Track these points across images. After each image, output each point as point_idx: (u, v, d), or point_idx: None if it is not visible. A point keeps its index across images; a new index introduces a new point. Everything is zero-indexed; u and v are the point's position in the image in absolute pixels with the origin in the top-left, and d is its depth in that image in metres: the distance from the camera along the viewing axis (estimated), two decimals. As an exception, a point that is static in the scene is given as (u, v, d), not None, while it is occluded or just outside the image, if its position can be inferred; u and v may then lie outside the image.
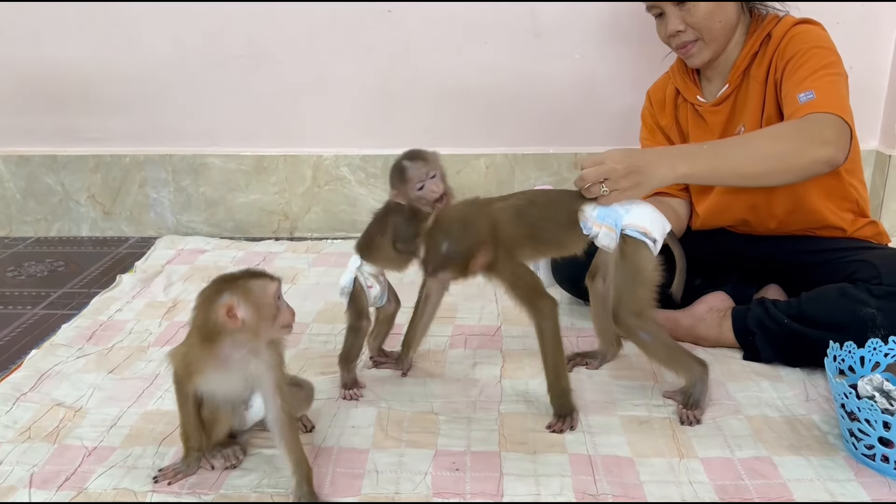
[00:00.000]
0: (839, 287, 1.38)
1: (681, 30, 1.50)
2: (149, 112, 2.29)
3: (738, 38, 1.54)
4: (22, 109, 2.30)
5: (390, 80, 2.22)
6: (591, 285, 1.43)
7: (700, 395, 1.29)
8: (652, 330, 1.29)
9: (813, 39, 1.44)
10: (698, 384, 1.29)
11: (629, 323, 1.28)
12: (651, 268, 1.28)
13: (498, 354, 1.54)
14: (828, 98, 1.35)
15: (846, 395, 1.14)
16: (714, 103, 1.57)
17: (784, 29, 1.48)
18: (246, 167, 2.31)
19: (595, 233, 1.27)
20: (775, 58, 1.47)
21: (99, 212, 2.37)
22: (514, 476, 1.14)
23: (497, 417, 1.30)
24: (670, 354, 1.30)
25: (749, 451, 1.19)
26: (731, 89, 1.54)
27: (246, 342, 1.06)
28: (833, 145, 1.31)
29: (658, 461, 1.17)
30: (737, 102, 1.55)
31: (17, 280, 2.04)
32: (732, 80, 1.53)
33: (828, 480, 1.12)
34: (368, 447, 1.22)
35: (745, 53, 1.51)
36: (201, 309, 1.06)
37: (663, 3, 1.50)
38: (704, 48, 1.52)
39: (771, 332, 1.43)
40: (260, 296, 1.05)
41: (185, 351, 1.09)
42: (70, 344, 1.59)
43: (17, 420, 1.30)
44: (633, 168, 1.25)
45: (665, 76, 1.70)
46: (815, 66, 1.40)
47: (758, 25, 1.52)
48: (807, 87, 1.37)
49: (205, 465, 1.17)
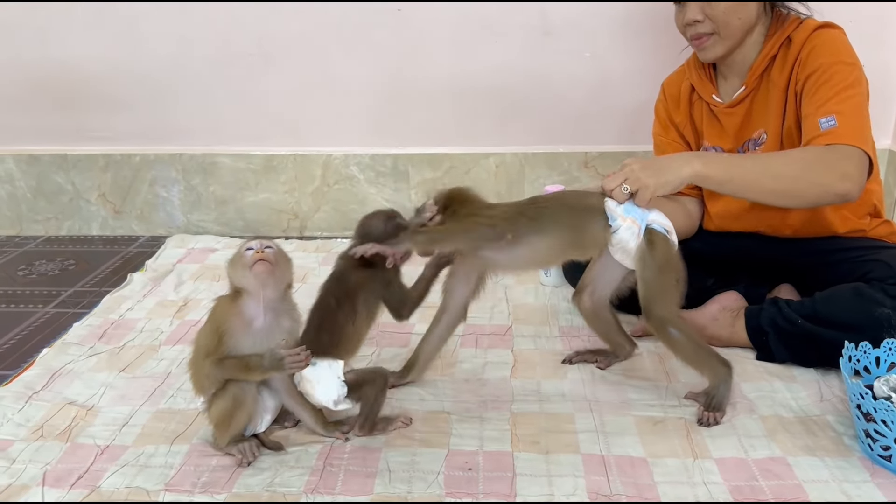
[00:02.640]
0: (854, 287, 1.37)
1: (699, 20, 1.48)
2: (158, 111, 2.29)
3: (756, 38, 1.51)
4: (32, 109, 2.30)
5: (400, 78, 2.22)
6: (579, 303, 1.44)
7: (723, 397, 1.28)
8: (681, 326, 1.28)
9: (834, 52, 1.41)
10: (722, 386, 1.29)
11: (661, 316, 1.27)
12: (677, 261, 1.29)
13: (509, 354, 1.53)
14: (850, 127, 1.33)
15: (862, 395, 1.13)
16: (730, 104, 1.55)
17: (805, 34, 1.45)
18: (255, 166, 2.31)
19: (618, 225, 1.26)
20: (796, 67, 1.44)
21: (109, 211, 2.38)
22: (527, 476, 1.14)
23: (509, 417, 1.30)
24: (697, 353, 1.29)
25: (763, 452, 1.19)
26: (748, 91, 1.52)
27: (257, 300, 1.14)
28: (852, 181, 1.31)
29: (672, 461, 1.17)
30: (753, 105, 1.53)
31: (28, 279, 2.04)
32: (749, 83, 1.51)
33: (843, 482, 1.12)
34: (381, 446, 1.22)
35: (764, 55, 1.49)
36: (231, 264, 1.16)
37: None
38: (719, 42, 1.50)
39: (784, 332, 1.42)
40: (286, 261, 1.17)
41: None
42: (81, 342, 1.60)
43: (30, 418, 1.31)
44: (650, 164, 1.27)
45: (680, 70, 1.68)
46: (837, 86, 1.37)
47: (777, 27, 1.49)
48: (829, 111, 1.35)
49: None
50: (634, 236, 1.26)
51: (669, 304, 1.28)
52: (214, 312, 1.17)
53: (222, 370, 1.14)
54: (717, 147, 1.58)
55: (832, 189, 1.32)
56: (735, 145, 1.56)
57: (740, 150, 1.55)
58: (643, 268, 1.28)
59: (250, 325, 1.15)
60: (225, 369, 1.14)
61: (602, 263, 1.35)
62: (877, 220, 1.54)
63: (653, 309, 1.28)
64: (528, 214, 1.27)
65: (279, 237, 2.33)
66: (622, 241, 1.27)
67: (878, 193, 1.55)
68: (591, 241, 1.30)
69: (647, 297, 1.28)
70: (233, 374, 1.14)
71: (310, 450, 1.21)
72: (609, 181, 1.27)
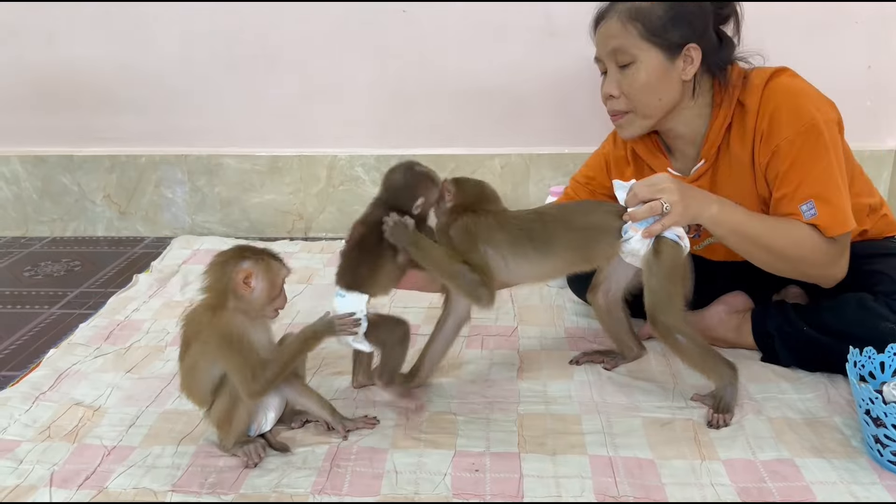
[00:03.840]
0: (859, 299, 1.36)
1: (614, 95, 1.38)
2: (164, 112, 2.30)
3: (697, 110, 1.41)
4: (38, 110, 2.31)
5: (405, 80, 2.22)
6: (594, 300, 1.44)
7: (731, 398, 1.29)
8: (686, 332, 1.28)
9: (794, 117, 1.32)
10: (729, 388, 1.29)
11: (667, 324, 1.28)
12: (684, 270, 1.29)
13: (515, 355, 1.53)
14: (831, 214, 1.31)
15: (872, 400, 1.13)
16: (691, 179, 1.45)
17: (756, 98, 1.35)
18: (261, 167, 2.32)
19: (630, 236, 1.27)
20: (757, 142, 1.36)
21: (115, 212, 2.38)
22: (534, 477, 1.14)
23: (516, 418, 1.30)
24: (703, 357, 1.29)
25: (771, 453, 1.18)
26: (708, 165, 1.43)
27: (243, 312, 1.15)
28: (840, 272, 1.38)
29: (680, 463, 1.16)
30: (717, 177, 1.44)
31: (34, 280, 2.05)
32: (708, 157, 1.42)
33: (851, 483, 1.11)
34: (388, 447, 1.22)
35: (718, 128, 1.39)
36: (218, 268, 1.15)
37: (605, 58, 1.38)
38: (636, 121, 1.40)
39: (790, 338, 1.42)
40: (274, 275, 1.17)
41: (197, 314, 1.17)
42: (88, 343, 1.60)
43: (37, 419, 1.31)
44: (685, 191, 1.25)
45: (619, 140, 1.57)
46: (805, 164, 1.31)
47: (723, 93, 1.39)
48: (805, 197, 1.31)
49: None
50: (644, 246, 1.27)
51: (675, 311, 1.28)
52: (228, 332, 1.13)
53: (279, 366, 1.15)
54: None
55: (822, 280, 1.39)
56: None
57: None
58: (649, 275, 1.28)
59: (257, 323, 1.17)
60: (281, 364, 1.15)
61: (613, 264, 1.36)
62: (872, 218, 1.51)
63: (658, 316, 1.28)
64: (534, 238, 1.28)
65: (284, 238, 2.33)
66: (633, 251, 1.28)
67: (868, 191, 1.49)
68: (600, 256, 1.32)
69: (652, 303, 1.29)
70: (291, 360, 1.17)
71: (317, 451, 1.21)
72: (643, 191, 1.24)
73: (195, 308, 1.18)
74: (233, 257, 1.15)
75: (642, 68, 1.35)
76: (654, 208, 1.23)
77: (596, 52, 1.42)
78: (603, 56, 1.40)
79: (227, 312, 1.14)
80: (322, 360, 1.51)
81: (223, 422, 1.18)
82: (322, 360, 1.51)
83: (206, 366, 1.16)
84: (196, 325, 1.16)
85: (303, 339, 1.18)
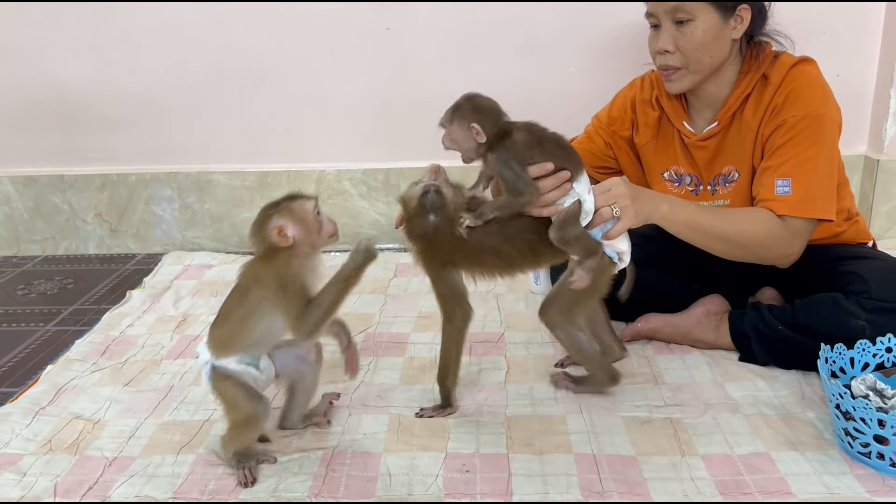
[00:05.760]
0: (832, 298, 1.42)
1: (669, 50, 1.45)
2: (154, 131, 2.33)
3: (728, 75, 1.50)
4: (29, 130, 2.35)
5: (390, 95, 2.27)
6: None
7: (588, 389, 1.42)
8: (569, 330, 1.36)
9: (808, 101, 1.42)
10: (596, 386, 1.41)
11: (552, 319, 1.36)
12: (605, 285, 1.36)
13: (503, 360, 1.58)
14: (801, 196, 1.40)
15: (841, 395, 1.18)
16: (701, 137, 1.54)
17: (781, 73, 1.45)
18: (250, 183, 2.36)
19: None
20: (769, 113, 1.45)
21: (106, 230, 2.41)
22: (523, 476, 1.18)
23: (504, 421, 1.34)
24: (584, 355, 1.40)
25: (748, 448, 1.24)
26: (720, 128, 1.52)
27: (298, 256, 1.19)
28: (796, 255, 1.45)
29: (661, 459, 1.22)
30: (725, 142, 1.53)
31: (27, 298, 2.07)
32: (722, 120, 1.51)
33: (824, 474, 1.17)
34: (381, 451, 1.26)
35: (738, 95, 1.48)
36: (255, 235, 1.21)
37: (662, 15, 1.45)
38: (686, 77, 1.48)
39: (766, 337, 1.48)
40: (303, 215, 1.20)
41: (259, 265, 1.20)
42: (84, 359, 1.63)
43: (38, 433, 1.34)
44: (637, 197, 1.30)
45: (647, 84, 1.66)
46: (799, 146, 1.41)
47: (752, 64, 1.48)
48: (786, 174, 1.41)
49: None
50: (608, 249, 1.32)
51: (567, 312, 1.35)
52: (284, 276, 1.18)
53: (328, 305, 1.19)
54: (692, 175, 1.60)
55: (778, 261, 1.47)
56: (706, 178, 1.58)
57: (711, 183, 1.57)
58: (569, 273, 1.34)
59: (314, 262, 1.23)
60: (329, 304, 1.19)
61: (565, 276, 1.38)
62: (848, 223, 1.59)
63: (549, 309, 1.36)
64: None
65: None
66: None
67: (850, 198, 1.60)
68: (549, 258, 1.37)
69: (556, 294, 1.36)
70: (340, 298, 1.20)
71: (312, 456, 1.25)
72: (600, 199, 1.27)
73: (252, 260, 1.22)
74: (261, 220, 1.20)
75: (700, 26, 1.42)
76: (604, 215, 1.27)
77: (649, 7, 1.48)
78: (659, 13, 1.45)
79: (282, 258, 1.18)
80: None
81: (238, 425, 1.21)
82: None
83: (262, 313, 1.18)
84: (255, 272, 1.20)
85: (346, 277, 1.20)
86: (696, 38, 1.43)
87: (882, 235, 2.24)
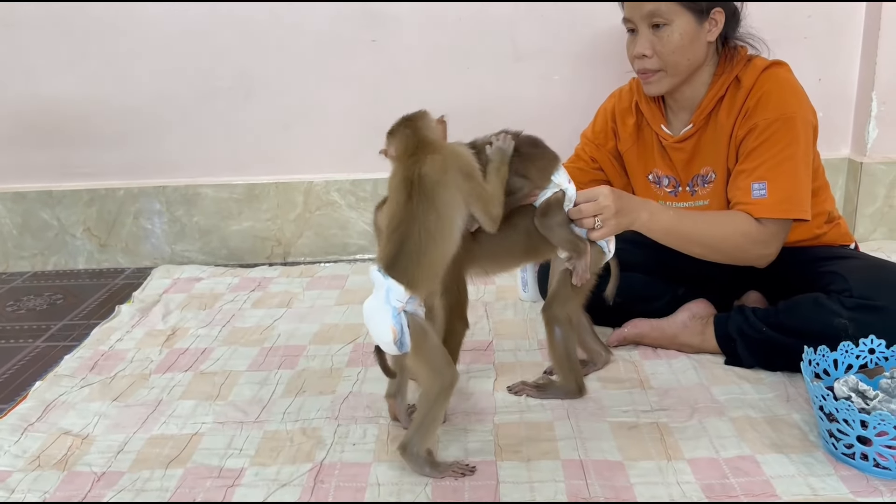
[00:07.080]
0: (813, 297, 1.44)
1: (647, 55, 1.48)
2: (142, 145, 2.34)
3: (704, 77, 1.53)
4: (17, 146, 2.35)
5: (376, 106, 2.28)
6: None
7: (553, 397, 1.43)
8: (567, 330, 1.39)
9: (780, 103, 1.45)
10: (562, 393, 1.43)
11: (556, 314, 1.38)
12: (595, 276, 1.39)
13: (491, 368, 1.59)
14: (778, 198, 1.43)
15: (824, 397, 1.19)
16: (678, 139, 1.57)
17: (753, 76, 1.48)
18: (238, 195, 2.36)
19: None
20: (742, 116, 1.48)
21: (95, 244, 2.42)
22: (511, 483, 1.19)
23: (492, 428, 1.35)
24: (566, 358, 1.41)
25: (733, 451, 1.25)
26: (695, 129, 1.55)
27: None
28: (775, 251, 1.49)
29: (647, 464, 1.22)
30: (701, 143, 1.56)
31: (16, 314, 2.07)
32: (697, 122, 1.54)
33: (808, 476, 1.18)
34: (371, 461, 1.27)
35: (712, 97, 1.51)
36: (409, 137, 1.20)
37: (639, 20, 1.47)
38: (665, 79, 1.51)
39: (751, 339, 1.49)
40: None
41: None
42: (73, 374, 1.63)
43: (27, 449, 1.34)
44: (621, 208, 1.33)
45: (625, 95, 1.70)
46: (773, 148, 1.44)
47: (725, 66, 1.51)
48: (761, 177, 1.44)
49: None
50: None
51: (568, 306, 1.39)
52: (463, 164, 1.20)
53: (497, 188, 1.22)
54: (670, 177, 1.62)
55: (756, 261, 1.51)
56: (684, 179, 1.60)
57: (689, 184, 1.60)
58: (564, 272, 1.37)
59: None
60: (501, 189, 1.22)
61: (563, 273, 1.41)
62: (829, 225, 1.61)
63: (553, 305, 1.39)
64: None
65: (263, 264, 2.38)
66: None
67: (831, 200, 1.62)
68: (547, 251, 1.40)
69: (556, 292, 1.40)
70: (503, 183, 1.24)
71: (300, 469, 1.25)
72: (587, 208, 1.30)
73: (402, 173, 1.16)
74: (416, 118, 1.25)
75: (676, 30, 1.45)
76: (586, 225, 1.31)
77: (626, 13, 1.51)
78: (636, 18, 1.48)
79: (446, 148, 1.18)
80: (305, 381, 1.56)
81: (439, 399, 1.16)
82: (305, 381, 1.56)
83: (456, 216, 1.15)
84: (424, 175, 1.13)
85: (497, 167, 1.24)
86: (672, 41, 1.46)
87: (867, 237, 2.26)
